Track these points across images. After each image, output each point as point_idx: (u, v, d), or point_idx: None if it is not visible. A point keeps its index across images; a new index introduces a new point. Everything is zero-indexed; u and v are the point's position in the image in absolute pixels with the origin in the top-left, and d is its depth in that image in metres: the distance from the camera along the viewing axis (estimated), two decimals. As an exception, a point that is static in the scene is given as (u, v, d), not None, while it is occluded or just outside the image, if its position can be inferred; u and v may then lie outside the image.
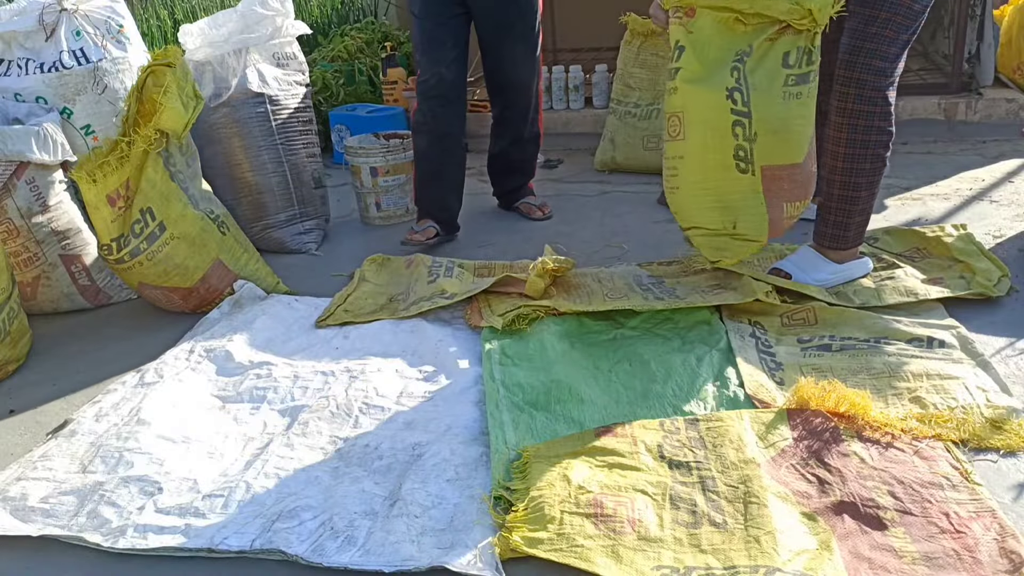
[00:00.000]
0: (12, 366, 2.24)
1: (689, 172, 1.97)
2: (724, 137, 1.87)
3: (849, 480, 1.51)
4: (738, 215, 1.93)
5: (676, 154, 2.01)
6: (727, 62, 1.85)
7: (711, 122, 1.89)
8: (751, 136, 1.86)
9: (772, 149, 1.89)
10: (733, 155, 1.88)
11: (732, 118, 1.85)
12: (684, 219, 2.12)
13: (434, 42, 2.73)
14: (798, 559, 1.33)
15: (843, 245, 2.21)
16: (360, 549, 1.43)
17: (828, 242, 2.21)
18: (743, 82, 1.84)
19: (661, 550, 1.37)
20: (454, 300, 2.28)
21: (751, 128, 1.85)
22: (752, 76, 1.83)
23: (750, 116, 1.84)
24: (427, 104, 2.80)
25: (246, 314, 2.35)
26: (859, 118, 2.03)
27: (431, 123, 2.81)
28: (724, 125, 1.86)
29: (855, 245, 2.24)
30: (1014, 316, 2.07)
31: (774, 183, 1.92)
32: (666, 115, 2.00)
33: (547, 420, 1.77)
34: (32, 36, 2.51)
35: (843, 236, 2.20)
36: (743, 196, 1.95)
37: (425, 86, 2.79)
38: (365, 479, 1.62)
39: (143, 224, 2.34)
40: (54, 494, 1.62)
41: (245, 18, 2.80)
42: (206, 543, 1.46)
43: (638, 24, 3.39)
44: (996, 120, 3.71)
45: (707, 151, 1.92)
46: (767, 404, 1.76)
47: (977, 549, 1.33)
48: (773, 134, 1.87)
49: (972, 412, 1.67)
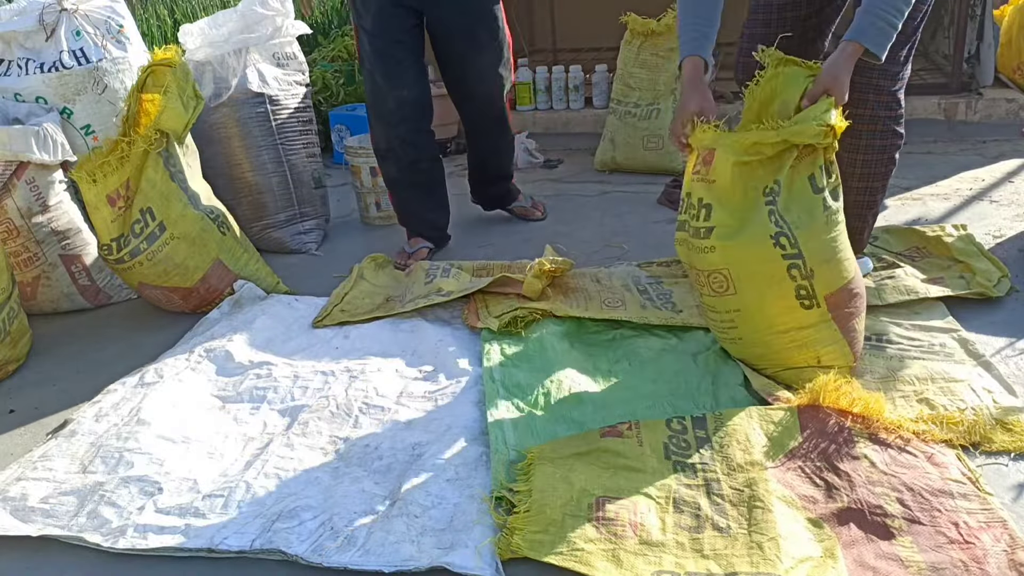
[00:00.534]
0: (12, 366, 2.24)
1: (753, 324, 1.83)
2: (782, 283, 1.71)
3: (858, 485, 1.49)
4: (818, 348, 1.81)
5: (729, 308, 1.84)
6: (759, 206, 1.73)
7: (765, 274, 1.77)
8: (808, 273, 1.72)
9: (830, 277, 1.72)
10: (795, 296, 1.72)
11: (786, 263, 1.70)
12: (767, 364, 1.89)
13: (389, 61, 2.50)
14: (801, 567, 1.32)
15: (859, 249, 2.18)
16: (360, 549, 1.43)
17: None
18: (783, 223, 1.72)
19: (662, 555, 1.36)
20: (450, 297, 2.28)
21: (807, 266, 1.72)
22: (789, 214, 1.71)
23: (802, 256, 1.68)
24: (390, 132, 2.59)
25: (246, 314, 2.35)
26: (876, 124, 2.03)
27: (399, 150, 2.62)
28: (780, 273, 1.71)
29: (864, 246, 2.24)
30: (1014, 316, 2.07)
31: (839, 307, 1.76)
32: (703, 271, 1.83)
33: (547, 420, 1.76)
34: (32, 36, 2.51)
35: (859, 240, 2.17)
36: (816, 329, 1.79)
37: (383, 111, 2.58)
38: (365, 479, 1.62)
39: (143, 224, 2.34)
40: (54, 494, 1.62)
41: (245, 18, 2.80)
42: (206, 543, 1.46)
43: (638, 24, 3.39)
44: (996, 120, 3.71)
45: (768, 301, 1.79)
46: (777, 398, 1.75)
47: (986, 561, 1.31)
48: (827, 263, 1.74)
49: (981, 414, 1.66)
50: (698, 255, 1.81)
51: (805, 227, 1.73)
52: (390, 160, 2.65)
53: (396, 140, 2.60)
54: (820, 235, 1.75)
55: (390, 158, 2.65)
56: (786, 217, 1.73)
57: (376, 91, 2.58)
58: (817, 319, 1.78)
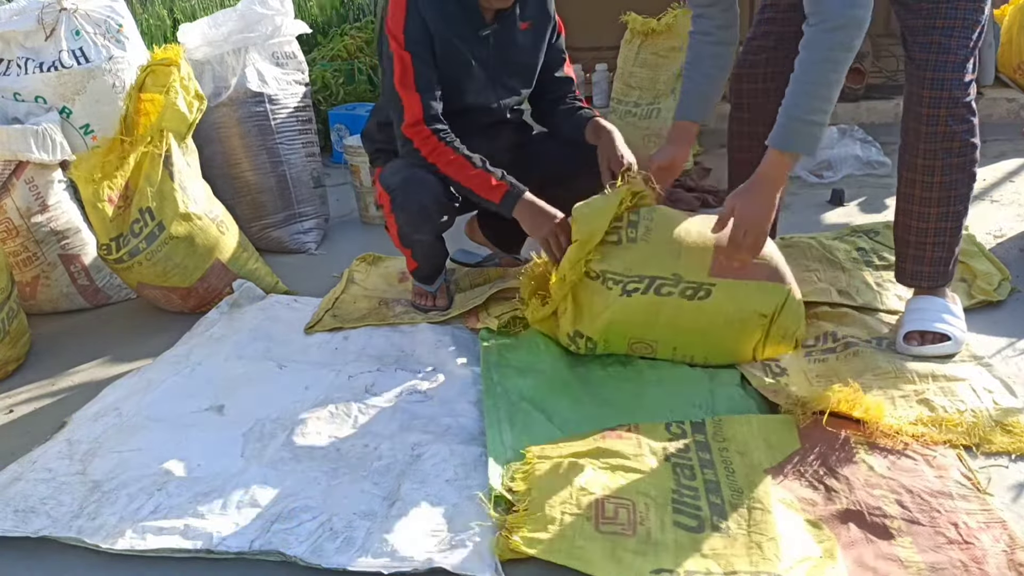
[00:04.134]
0: (12, 366, 2.24)
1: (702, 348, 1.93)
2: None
3: (856, 488, 1.49)
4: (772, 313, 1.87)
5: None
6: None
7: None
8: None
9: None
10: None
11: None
12: (738, 359, 1.94)
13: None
14: (800, 566, 1.32)
15: (944, 281, 1.98)
16: (359, 549, 1.43)
17: (927, 281, 1.98)
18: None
19: (662, 554, 1.36)
20: (447, 316, 2.26)
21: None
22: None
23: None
24: (426, 228, 2.12)
25: (245, 314, 2.35)
26: (953, 140, 1.84)
27: (434, 231, 2.15)
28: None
29: (952, 277, 2.00)
30: (1014, 316, 2.07)
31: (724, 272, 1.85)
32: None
33: (544, 420, 1.76)
34: (31, 35, 2.50)
35: (944, 272, 1.97)
36: (738, 308, 1.86)
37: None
38: (364, 480, 1.62)
39: (142, 224, 2.34)
40: (53, 495, 1.62)
41: (244, 17, 2.79)
42: (205, 544, 1.46)
43: (638, 23, 3.38)
44: (996, 120, 3.71)
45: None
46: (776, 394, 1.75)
47: (985, 561, 1.31)
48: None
49: (981, 415, 1.65)
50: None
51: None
52: (422, 234, 2.17)
53: (435, 232, 2.19)
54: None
55: (422, 233, 2.17)
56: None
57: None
58: (723, 301, 1.85)
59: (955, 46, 1.80)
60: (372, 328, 2.24)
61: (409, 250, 2.22)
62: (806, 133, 1.72)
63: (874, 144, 3.34)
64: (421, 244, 2.18)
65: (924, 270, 1.97)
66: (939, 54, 1.81)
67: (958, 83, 1.81)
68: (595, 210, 1.87)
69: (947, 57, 1.80)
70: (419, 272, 2.29)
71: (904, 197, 1.95)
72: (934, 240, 1.93)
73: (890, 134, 3.58)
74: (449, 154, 2.01)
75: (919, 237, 1.94)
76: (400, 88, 2.01)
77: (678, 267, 1.85)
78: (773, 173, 1.76)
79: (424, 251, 2.22)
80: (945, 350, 1.88)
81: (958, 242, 1.95)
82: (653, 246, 1.88)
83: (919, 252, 1.96)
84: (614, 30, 3.50)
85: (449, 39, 2.00)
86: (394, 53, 1.99)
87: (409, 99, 2.00)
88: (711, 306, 1.84)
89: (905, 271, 2.01)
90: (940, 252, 1.94)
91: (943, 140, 1.84)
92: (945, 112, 1.82)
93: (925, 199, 1.90)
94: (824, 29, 1.67)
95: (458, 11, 1.99)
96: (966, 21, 1.81)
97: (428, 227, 2.10)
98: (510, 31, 2.07)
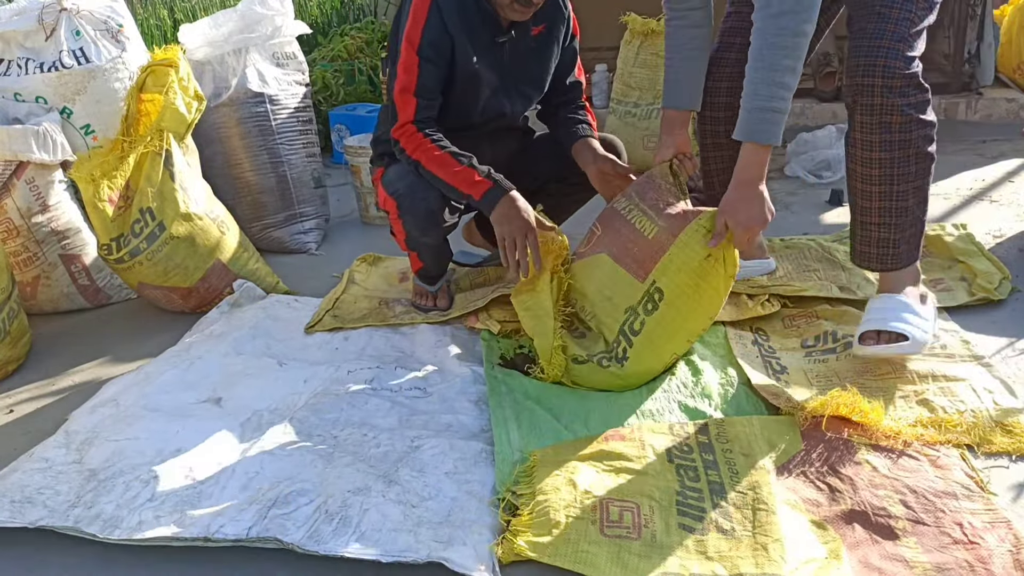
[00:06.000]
0: (12, 366, 2.24)
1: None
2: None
3: (860, 489, 1.49)
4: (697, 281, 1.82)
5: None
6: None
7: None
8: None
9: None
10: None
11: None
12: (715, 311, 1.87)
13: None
14: (806, 568, 1.31)
15: (893, 265, 1.88)
16: (355, 531, 1.43)
17: (875, 263, 1.90)
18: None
19: (667, 556, 1.36)
20: (448, 316, 2.26)
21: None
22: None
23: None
24: (433, 233, 2.11)
25: (245, 314, 2.35)
26: (892, 114, 1.73)
27: (440, 234, 2.14)
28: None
29: (908, 263, 1.89)
30: (1014, 316, 2.07)
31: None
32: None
33: (551, 419, 1.76)
34: (32, 36, 2.50)
35: (893, 255, 1.87)
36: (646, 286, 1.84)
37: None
38: (360, 463, 1.62)
39: (143, 224, 2.34)
40: (50, 484, 1.62)
41: (245, 18, 2.80)
42: (202, 532, 1.46)
43: (638, 24, 3.38)
44: (996, 120, 3.72)
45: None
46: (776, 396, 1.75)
47: (991, 561, 1.31)
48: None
49: (981, 415, 1.65)
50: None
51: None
52: (430, 237, 2.15)
53: (442, 235, 2.18)
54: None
55: (430, 237, 2.16)
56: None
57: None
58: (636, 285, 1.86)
59: (895, 17, 1.73)
60: (372, 328, 2.24)
61: (416, 252, 2.22)
62: (767, 121, 1.68)
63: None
64: (428, 247, 2.18)
65: (871, 251, 1.88)
66: (877, 23, 1.74)
67: (895, 53, 1.71)
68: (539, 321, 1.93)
69: (885, 26, 1.72)
70: (424, 272, 2.28)
71: (849, 174, 1.87)
72: (879, 220, 1.84)
73: (890, 134, 3.59)
74: (433, 150, 1.96)
75: (863, 216, 1.86)
76: (399, 94, 1.99)
77: (624, 304, 1.87)
78: (751, 170, 1.72)
79: (431, 253, 2.22)
80: (901, 351, 1.81)
81: (910, 225, 1.83)
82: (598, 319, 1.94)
83: (865, 232, 1.88)
84: (614, 30, 3.51)
85: (467, 47, 1.99)
86: (402, 56, 1.96)
87: (405, 103, 1.99)
88: (670, 289, 1.80)
89: (854, 250, 1.94)
90: (886, 233, 1.84)
91: (879, 113, 1.73)
92: (881, 82, 1.71)
93: (866, 176, 1.81)
94: (770, 15, 1.64)
95: (478, 20, 1.98)
96: (909, 3, 1.74)
97: (436, 230, 2.09)
98: (525, 38, 2.07)
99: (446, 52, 1.97)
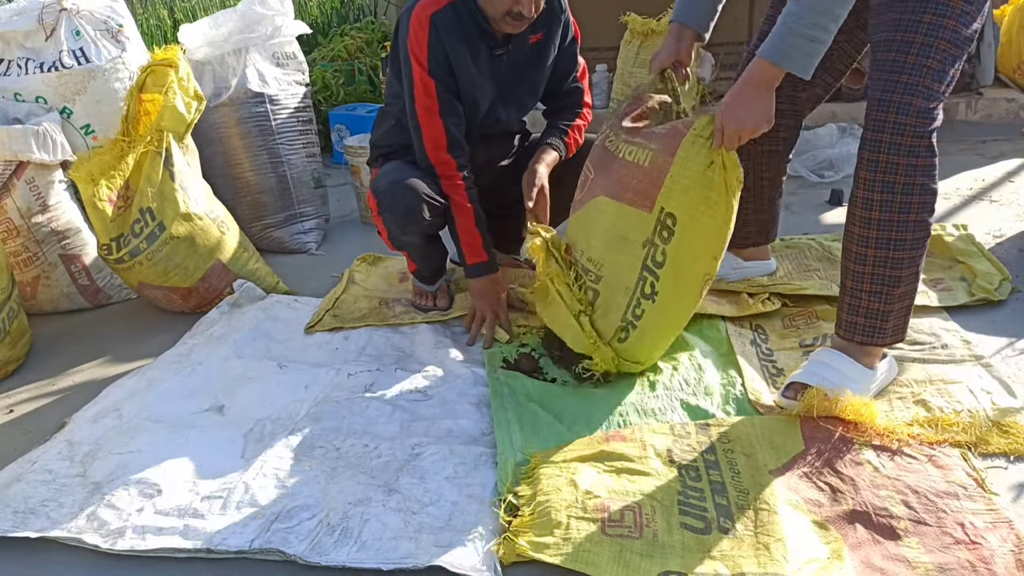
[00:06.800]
0: (12, 366, 2.24)
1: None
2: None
3: (862, 489, 1.49)
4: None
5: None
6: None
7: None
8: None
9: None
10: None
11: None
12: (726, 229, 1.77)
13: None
14: (808, 567, 1.31)
15: (880, 339, 1.72)
16: (356, 542, 1.43)
17: (860, 335, 1.73)
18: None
19: (669, 556, 1.36)
20: (448, 316, 2.26)
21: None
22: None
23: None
24: (415, 230, 2.12)
25: (245, 314, 2.35)
26: (896, 173, 1.60)
27: (425, 230, 2.15)
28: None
29: (895, 340, 1.74)
30: (1014, 316, 2.07)
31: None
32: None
33: (552, 420, 1.76)
34: (32, 36, 2.50)
35: (880, 328, 1.71)
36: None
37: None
38: (362, 474, 1.62)
39: (143, 224, 2.34)
40: (54, 497, 1.62)
41: (245, 18, 2.80)
42: (205, 544, 1.46)
43: (638, 24, 3.39)
44: (996, 120, 3.71)
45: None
46: (769, 409, 1.75)
47: (993, 561, 1.31)
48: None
49: (978, 415, 1.65)
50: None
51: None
52: (410, 235, 2.16)
53: (422, 232, 2.18)
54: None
55: (410, 235, 2.16)
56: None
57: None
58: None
59: (910, 65, 1.58)
60: (372, 328, 2.24)
61: (404, 252, 2.24)
62: (804, 50, 1.55)
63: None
64: (412, 246, 2.19)
65: (858, 321, 1.72)
66: (890, 73, 1.60)
67: (907, 108, 1.57)
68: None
69: (898, 77, 1.58)
70: (419, 273, 2.30)
71: (846, 234, 1.72)
72: (870, 287, 1.68)
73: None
74: (464, 199, 2.07)
75: (855, 282, 1.71)
76: (424, 114, 2.02)
77: (640, 238, 1.79)
78: (758, 78, 1.60)
79: (419, 252, 2.23)
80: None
81: (901, 297, 1.69)
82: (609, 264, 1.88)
83: (855, 300, 1.72)
84: (614, 30, 3.51)
85: (466, 60, 2.01)
86: (415, 75, 1.99)
87: (432, 125, 2.02)
88: (679, 204, 1.73)
89: (840, 319, 1.76)
90: (876, 303, 1.69)
91: (883, 171, 1.61)
92: (888, 139, 1.59)
93: (862, 238, 1.67)
94: None
95: (475, 34, 1.99)
96: (929, 37, 1.58)
97: (415, 228, 2.09)
98: (523, 48, 2.08)
99: (449, 69, 2.00)
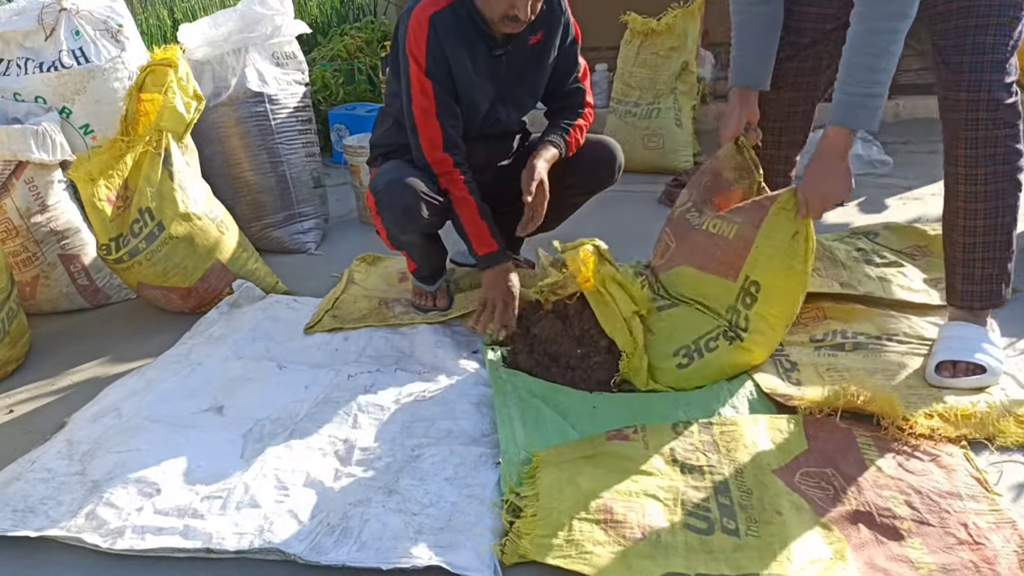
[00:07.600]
0: (11, 366, 2.23)
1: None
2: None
3: (865, 489, 1.49)
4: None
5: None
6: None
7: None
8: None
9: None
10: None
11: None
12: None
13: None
14: (811, 568, 1.31)
15: (998, 300, 1.85)
16: (356, 542, 1.43)
17: (979, 301, 1.85)
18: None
19: (672, 557, 1.35)
20: (448, 316, 2.26)
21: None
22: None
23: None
24: (414, 228, 2.10)
25: (245, 314, 2.35)
26: (996, 145, 1.72)
27: (425, 231, 2.15)
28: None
29: (1007, 297, 1.87)
30: (1015, 316, 2.07)
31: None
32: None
33: (556, 416, 1.75)
34: (31, 36, 2.50)
35: (996, 291, 1.84)
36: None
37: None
38: (362, 476, 1.62)
39: (142, 224, 2.34)
40: (53, 495, 1.61)
41: (244, 17, 2.79)
42: (204, 543, 1.46)
43: (638, 23, 3.39)
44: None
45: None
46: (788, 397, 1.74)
47: (996, 562, 1.30)
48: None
49: (994, 407, 1.65)
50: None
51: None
52: (408, 234, 2.14)
53: (421, 231, 2.16)
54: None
55: (408, 234, 2.14)
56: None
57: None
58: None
59: (992, 45, 1.70)
60: (372, 329, 2.24)
61: (404, 251, 2.23)
62: (868, 107, 1.65)
63: (875, 143, 3.33)
64: (412, 245, 2.19)
65: (975, 289, 1.84)
66: (975, 55, 1.71)
67: (998, 84, 1.70)
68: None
69: (984, 57, 1.70)
70: (419, 273, 2.30)
71: (950, 211, 1.84)
72: (983, 255, 1.81)
73: (891, 133, 3.57)
74: (464, 191, 2.06)
75: (967, 253, 1.82)
76: (420, 115, 2.02)
77: (721, 305, 1.89)
78: (836, 145, 1.71)
79: (418, 252, 2.22)
80: (980, 383, 1.75)
81: (1010, 258, 1.82)
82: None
83: (968, 270, 1.83)
84: (614, 30, 3.51)
85: (465, 62, 2.01)
86: (412, 76, 1.99)
87: (429, 125, 2.02)
88: (761, 266, 1.82)
89: (955, 290, 1.87)
90: (991, 269, 1.82)
91: (985, 145, 1.73)
92: (985, 115, 1.71)
93: (971, 211, 1.78)
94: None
95: (474, 35, 1.99)
96: (1002, 19, 1.70)
97: (413, 227, 2.09)
98: (522, 48, 2.07)
99: (448, 70, 2.00)
